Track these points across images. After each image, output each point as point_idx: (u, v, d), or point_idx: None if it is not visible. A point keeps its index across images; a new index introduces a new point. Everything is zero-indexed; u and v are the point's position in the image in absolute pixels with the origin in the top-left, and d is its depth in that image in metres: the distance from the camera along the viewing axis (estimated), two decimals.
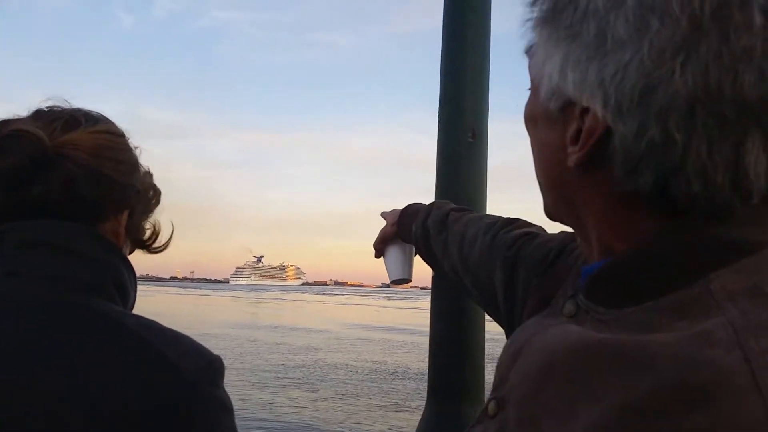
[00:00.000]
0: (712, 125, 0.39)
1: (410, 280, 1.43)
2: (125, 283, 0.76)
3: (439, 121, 1.65)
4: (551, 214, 0.56)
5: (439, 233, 1.09)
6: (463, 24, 1.65)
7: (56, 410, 0.62)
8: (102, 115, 0.81)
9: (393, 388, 12.61)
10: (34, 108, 0.78)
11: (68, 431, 0.62)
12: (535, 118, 0.53)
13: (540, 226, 0.89)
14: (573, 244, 0.71)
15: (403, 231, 1.30)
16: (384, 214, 1.40)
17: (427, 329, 1.59)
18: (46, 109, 0.78)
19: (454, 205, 1.18)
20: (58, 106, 0.79)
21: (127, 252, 0.84)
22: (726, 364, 0.36)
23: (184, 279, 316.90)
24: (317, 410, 9.78)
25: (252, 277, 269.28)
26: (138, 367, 0.66)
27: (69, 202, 0.73)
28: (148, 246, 0.87)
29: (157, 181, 0.86)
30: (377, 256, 1.45)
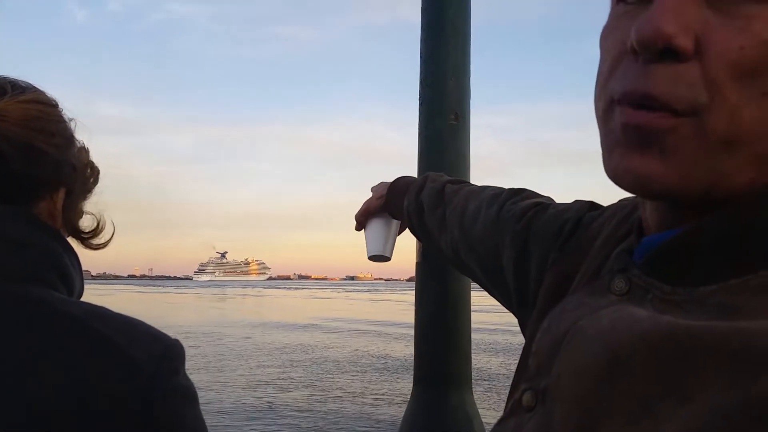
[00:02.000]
0: None
1: (389, 258, 1.38)
2: (68, 268, 0.69)
3: (421, 104, 1.62)
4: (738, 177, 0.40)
5: (435, 207, 1.01)
6: (444, 5, 1.62)
7: (4, 411, 0.56)
8: (29, 84, 0.73)
9: (398, 378, 12.36)
10: None
11: None
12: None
13: (549, 197, 0.82)
14: (591, 213, 0.65)
15: (393, 205, 1.23)
16: (373, 188, 1.33)
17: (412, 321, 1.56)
18: None
19: (450, 177, 1.11)
20: None
21: (66, 236, 0.76)
22: None
23: (143, 277, 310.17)
24: (329, 409, 9.54)
25: (216, 274, 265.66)
26: (86, 358, 0.61)
27: None
28: (86, 239, 0.78)
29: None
30: (358, 228, 1.39)
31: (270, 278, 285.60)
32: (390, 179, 1.30)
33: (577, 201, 0.72)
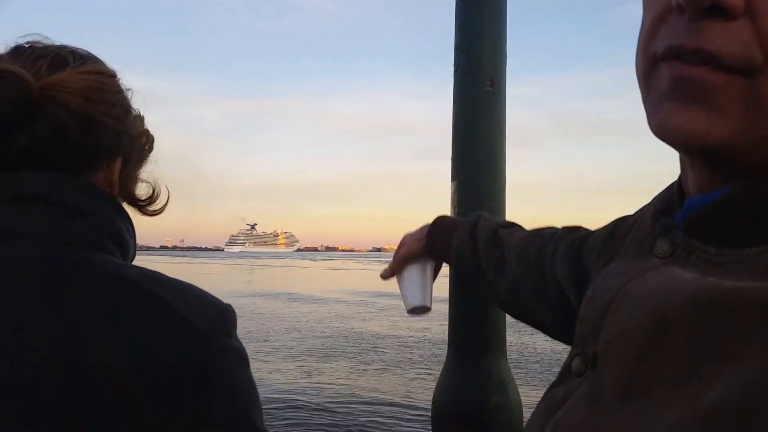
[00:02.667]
0: None
1: (431, 309, 1.26)
2: (123, 235, 0.71)
3: (455, 70, 1.61)
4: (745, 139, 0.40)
5: (492, 247, 1.00)
6: None
7: (71, 372, 0.59)
8: (90, 53, 0.74)
9: (441, 351, 12.36)
10: (10, 44, 0.71)
11: (81, 392, 0.58)
12: None
13: None
14: (623, 218, 0.66)
15: (436, 244, 1.17)
16: (406, 236, 1.26)
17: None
18: (26, 46, 0.71)
19: (499, 219, 1.09)
20: (40, 43, 0.71)
21: (122, 202, 0.78)
22: None
23: (174, 248, 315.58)
24: (366, 381, 9.65)
25: (246, 245, 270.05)
26: (144, 320, 0.63)
27: (59, 150, 0.67)
28: (143, 206, 0.81)
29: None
30: (387, 276, 1.29)
31: (298, 250, 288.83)
32: (416, 152, 1.30)
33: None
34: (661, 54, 0.40)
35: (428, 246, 1.19)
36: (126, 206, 0.78)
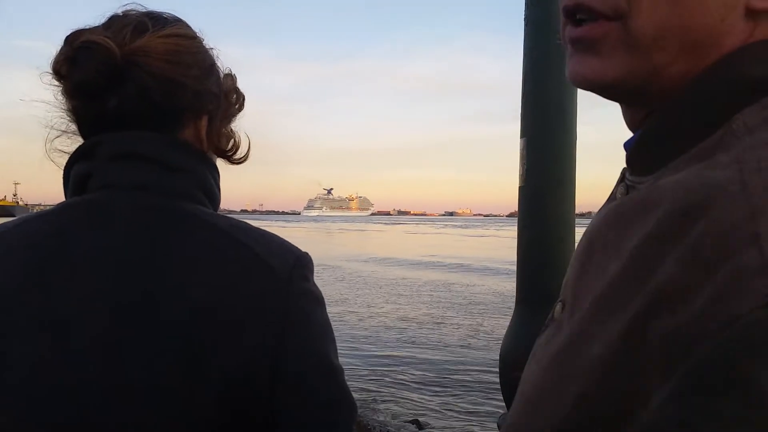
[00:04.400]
0: None
1: None
2: (212, 187, 0.78)
3: (526, 24, 1.58)
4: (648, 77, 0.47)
5: None
6: None
7: (163, 309, 0.66)
8: (173, 16, 0.78)
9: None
10: (107, 14, 0.76)
11: (171, 325, 0.65)
12: None
13: None
14: None
15: None
16: None
17: None
18: (121, 14, 0.76)
19: None
20: (134, 10, 0.76)
21: (211, 156, 0.83)
22: (722, 178, 0.36)
23: (254, 211, 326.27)
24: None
25: (323, 209, 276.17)
26: (233, 264, 0.69)
27: (145, 111, 0.72)
28: (230, 156, 0.85)
29: None
30: None
31: (372, 214, 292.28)
32: (492, 114, 1.28)
33: None
34: (563, 16, 0.48)
35: None
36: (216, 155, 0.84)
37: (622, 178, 0.51)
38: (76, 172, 0.74)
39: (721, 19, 0.42)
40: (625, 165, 0.51)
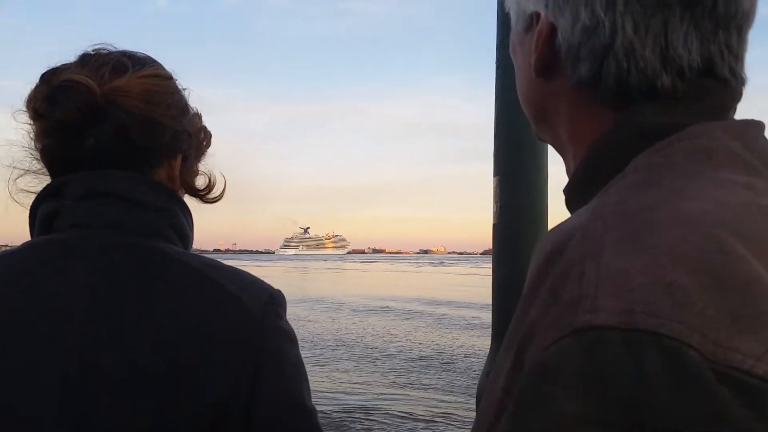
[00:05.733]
0: (634, 3, 0.44)
1: None
2: (184, 227, 0.77)
3: (497, 67, 1.63)
4: (540, 136, 0.59)
5: None
6: None
7: (133, 347, 0.65)
8: (148, 56, 0.79)
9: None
10: (78, 52, 0.76)
11: (141, 365, 0.64)
12: (514, 49, 0.57)
13: None
14: None
15: None
16: None
17: None
18: (92, 53, 0.76)
19: None
20: (105, 49, 0.77)
21: (183, 195, 0.83)
22: (577, 223, 0.40)
23: (227, 251, 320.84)
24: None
25: (300, 248, 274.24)
26: (205, 302, 0.68)
27: (122, 150, 0.72)
28: (202, 195, 0.86)
29: None
30: None
31: (349, 252, 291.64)
32: (466, 153, 1.32)
33: None
34: None
35: None
36: (186, 198, 0.84)
37: None
38: (43, 211, 0.73)
39: None
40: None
